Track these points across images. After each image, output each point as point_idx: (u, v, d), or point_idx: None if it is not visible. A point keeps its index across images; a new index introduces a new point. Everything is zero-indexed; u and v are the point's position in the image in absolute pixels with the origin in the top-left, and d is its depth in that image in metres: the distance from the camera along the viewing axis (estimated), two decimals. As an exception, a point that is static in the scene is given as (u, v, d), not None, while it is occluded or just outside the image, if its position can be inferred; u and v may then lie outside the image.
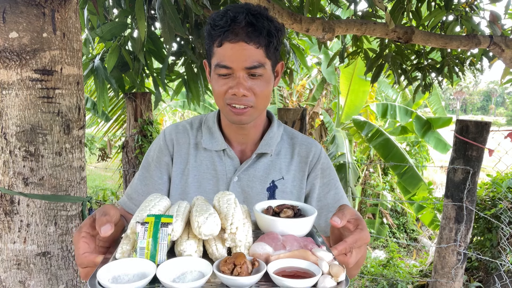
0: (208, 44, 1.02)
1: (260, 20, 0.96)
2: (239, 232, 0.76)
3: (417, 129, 6.41)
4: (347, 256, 0.80)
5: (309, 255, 0.74)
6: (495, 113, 52.30)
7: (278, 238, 0.79)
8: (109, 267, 0.69)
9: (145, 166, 1.19)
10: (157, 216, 0.74)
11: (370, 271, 4.23)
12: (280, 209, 0.88)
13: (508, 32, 2.74)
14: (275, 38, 0.99)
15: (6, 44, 1.61)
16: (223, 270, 0.68)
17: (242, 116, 1.02)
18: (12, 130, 1.67)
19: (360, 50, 3.08)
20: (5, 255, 1.73)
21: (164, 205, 0.86)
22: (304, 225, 0.84)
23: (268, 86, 1.02)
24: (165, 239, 0.71)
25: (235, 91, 0.98)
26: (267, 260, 0.74)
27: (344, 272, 0.69)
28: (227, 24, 0.94)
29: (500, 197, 3.41)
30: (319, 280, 0.67)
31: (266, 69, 1.00)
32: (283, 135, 1.19)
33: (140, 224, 0.72)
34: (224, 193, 0.87)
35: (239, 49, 0.95)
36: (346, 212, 0.83)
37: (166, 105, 10.38)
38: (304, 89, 9.29)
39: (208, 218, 0.74)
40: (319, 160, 1.16)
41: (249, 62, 0.96)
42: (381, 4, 1.96)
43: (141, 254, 0.71)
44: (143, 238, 0.71)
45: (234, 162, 1.13)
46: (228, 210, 0.79)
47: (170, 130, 1.18)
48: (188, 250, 0.74)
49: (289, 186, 1.13)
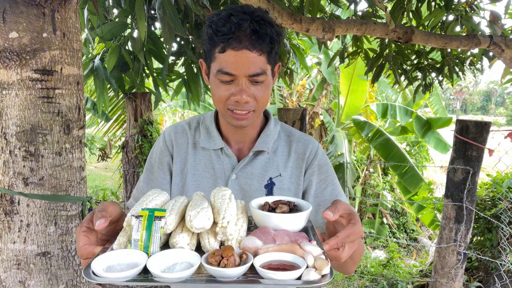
0: (209, 47, 1.02)
1: (263, 27, 0.96)
2: (230, 226, 0.78)
3: (417, 129, 6.40)
4: (339, 250, 0.80)
5: (297, 249, 0.76)
6: (495, 113, 52.30)
7: (269, 233, 0.81)
8: (104, 257, 0.73)
9: (148, 168, 1.21)
10: (151, 210, 0.77)
11: (370, 271, 4.23)
12: (276, 204, 0.89)
13: (508, 32, 2.74)
14: (277, 44, 1.01)
15: (6, 44, 1.61)
16: (211, 262, 0.71)
17: (243, 121, 1.04)
18: (12, 130, 1.67)
19: (360, 50, 3.08)
20: (5, 255, 1.73)
21: (162, 199, 0.88)
22: (298, 220, 0.85)
23: (268, 91, 1.05)
24: (158, 231, 0.75)
25: (238, 98, 0.99)
26: (256, 253, 0.76)
27: (328, 266, 0.70)
28: (231, 32, 0.94)
29: (500, 197, 3.41)
30: (304, 273, 0.69)
31: (267, 75, 1.01)
32: (280, 133, 1.20)
33: (135, 217, 0.75)
34: (221, 188, 0.89)
35: (242, 57, 0.95)
36: (339, 206, 0.83)
37: (166, 105, 10.38)
38: (304, 89, 9.29)
39: (200, 212, 0.77)
40: (316, 156, 1.17)
41: (252, 69, 0.97)
42: (381, 4, 1.96)
43: (135, 245, 0.75)
44: (137, 231, 0.75)
45: (232, 160, 1.14)
46: (222, 205, 0.81)
47: (169, 131, 1.20)
48: (181, 243, 0.77)
49: (286, 183, 1.14)
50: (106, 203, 0.85)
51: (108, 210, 0.82)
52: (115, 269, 0.71)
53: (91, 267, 0.69)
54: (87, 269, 0.69)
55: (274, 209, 0.88)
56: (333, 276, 0.70)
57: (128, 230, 0.80)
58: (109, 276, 0.67)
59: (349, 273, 1.10)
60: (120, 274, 0.68)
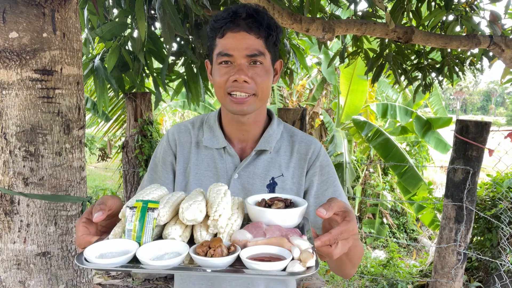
0: (211, 38, 1.07)
1: (260, 14, 1.03)
2: (222, 219, 0.79)
3: (417, 129, 6.40)
4: (331, 247, 0.80)
5: (285, 242, 0.77)
6: (495, 113, 52.28)
7: (261, 227, 0.83)
8: (97, 245, 0.76)
9: (152, 167, 1.23)
10: (144, 202, 0.79)
11: (370, 271, 4.23)
12: (272, 201, 0.91)
13: (508, 32, 2.74)
14: (274, 32, 1.05)
15: (6, 44, 1.61)
16: (198, 252, 0.73)
17: (243, 105, 1.04)
18: (12, 130, 1.67)
19: (360, 50, 3.08)
20: (5, 255, 1.73)
21: (159, 193, 0.90)
22: (291, 215, 0.86)
23: (268, 77, 1.06)
24: (151, 222, 0.78)
25: (236, 77, 1.01)
26: (245, 246, 0.78)
27: (313, 258, 0.72)
28: (229, 16, 1.01)
29: (500, 197, 3.41)
30: (289, 265, 0.71)
31: (266, 59, 1.04)
32: (283, 133, 1.21)
33: (129, 208, 0.78)
34: (217, 184, 0.91)
35: (240, 38, 1.01)
36: (334, 204, 0.84)
37: (166, 105, 10.37)
38: (304, 89, 9.29)
39: (192, 205, 0.80)
40: (318, 157, 1.17)
41: (250, 50, 1.01)
42: (381, 4, 1.96)
43: (128, 235, 0.78)
44: (131, 221, 0.77)
45: (234, 159, 1.15)
46: (215, 199, 0.83)
47: (173, 131, 1.22)
48: (173, 234, 0.80)
49: (288, 183, 1.15)
50: (106, 196, 0.88)
51: (108, 203, 0.84)
52: (107, 256, 0.74)
53: (84, 254, 0.73)
54: (80, 256, 0.73)
55: (270, 206, 0.89)
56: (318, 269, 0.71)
57: (123, 221, 0.82)
58: (99, 262, 0.71)
59: (348, 275, 1.10)
60: (110, 261, 0.71)
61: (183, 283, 1.16)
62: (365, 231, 6.70)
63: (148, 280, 3.73)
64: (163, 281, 3.73)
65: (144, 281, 3.73)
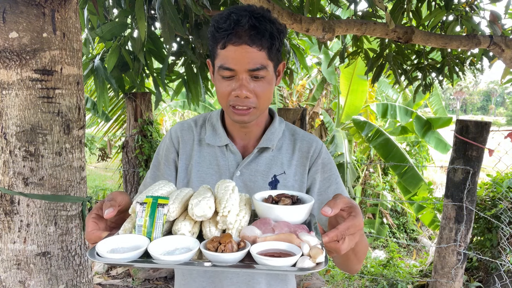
0: (212, 45, 1.05)
1: (262, 23, 0.98)
2: (231, 215, 0.81)
3: (417, 129, 6.40)
4: (339, 243, 0.81)
5: (294, 238, 0.78)
6: (495, 113, 52.26)
7: (269, 223, 0.84)
8: (109, 240, 0.77)
9: (155, 164, 1.24)
10: (154, 198, 0.80)
11: (370, 271, 4.23)
12: (279, 197, 0.91)
13: (508, 32, 2.74)
14: (277, 40, 1.02)
15: (6, 44, 1.61)
16: (209, 248, 0.74)
17: (244, 117, 1.05)
18: (12, 130, 1.67)
19: (360, 50, 3.08)
20: (5, 255, 1.73)
21: (167, 190, 0.91)
22: (299, 212, 0.86)
23: (270, 88, 1.05)
24: (161, 218, 0.79)
25: (238, 93, 1.00)
26: (254, 242, 0.78)
27: (323, 254, 0.72)
28: (231, 27, 0.97)
29: (500, 197, 3.41)
30: (299, 260, 0.72)
31: (268, 71, 1.02)
32: (285, 131, 1.22)
33: (139, 204, 0.79)
34: (224, 181, 0.91)
35: (242, 52, 0.98)
36: (339, 201, 0.84)
37: (166, 105, 10.37)
38: (304, 89, 9.29)
39: (201, 201, 0.81)
40: (319, 155, 1.18)
41: (251, 64, 0.99)
42: (381, 4, 1.96)
43: (139, 231, 0.79)
44: (141, 217, 0.79)
45: (237, 157, 1.16)
46: (224, 195, 0.84)
47: (175, 128, 1.23)
48: (182, 230, 0.81)
49: (290, 180, 1.16)
50: (115, 192, 0.89)
51: (117, 199, 0.86)
52: (118, 251, 0.76)
53: (96, 248, 0.74)
54: (92, 250, 0.74)
55: (277, 202, 0.90)
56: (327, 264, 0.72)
57: (133, 216, 0.83)
58: (111, 257, 0.72)
59: (354, 271, 1.11)
60: (122, 255, 0.72)
61: (184, 279, 1.17)
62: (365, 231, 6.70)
63: (148, 280, 3.73)
64: (163, 281, 3.73)
65: (144, 281, 3.72)
